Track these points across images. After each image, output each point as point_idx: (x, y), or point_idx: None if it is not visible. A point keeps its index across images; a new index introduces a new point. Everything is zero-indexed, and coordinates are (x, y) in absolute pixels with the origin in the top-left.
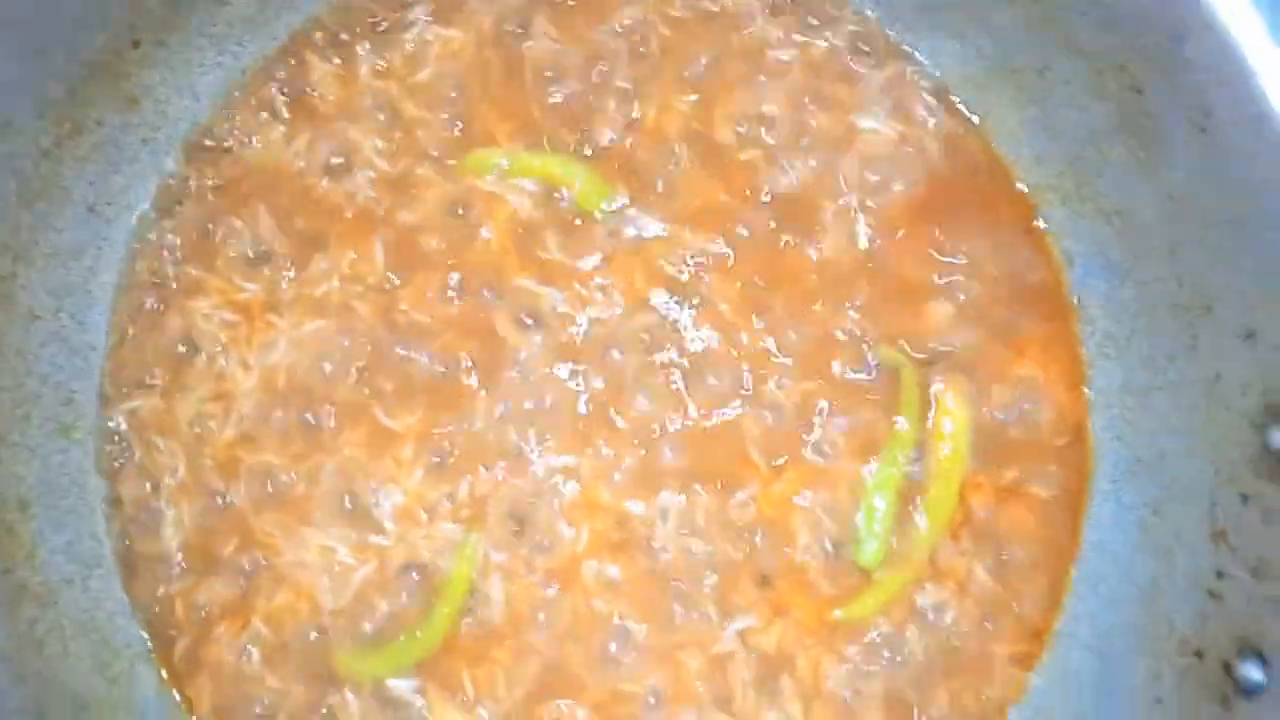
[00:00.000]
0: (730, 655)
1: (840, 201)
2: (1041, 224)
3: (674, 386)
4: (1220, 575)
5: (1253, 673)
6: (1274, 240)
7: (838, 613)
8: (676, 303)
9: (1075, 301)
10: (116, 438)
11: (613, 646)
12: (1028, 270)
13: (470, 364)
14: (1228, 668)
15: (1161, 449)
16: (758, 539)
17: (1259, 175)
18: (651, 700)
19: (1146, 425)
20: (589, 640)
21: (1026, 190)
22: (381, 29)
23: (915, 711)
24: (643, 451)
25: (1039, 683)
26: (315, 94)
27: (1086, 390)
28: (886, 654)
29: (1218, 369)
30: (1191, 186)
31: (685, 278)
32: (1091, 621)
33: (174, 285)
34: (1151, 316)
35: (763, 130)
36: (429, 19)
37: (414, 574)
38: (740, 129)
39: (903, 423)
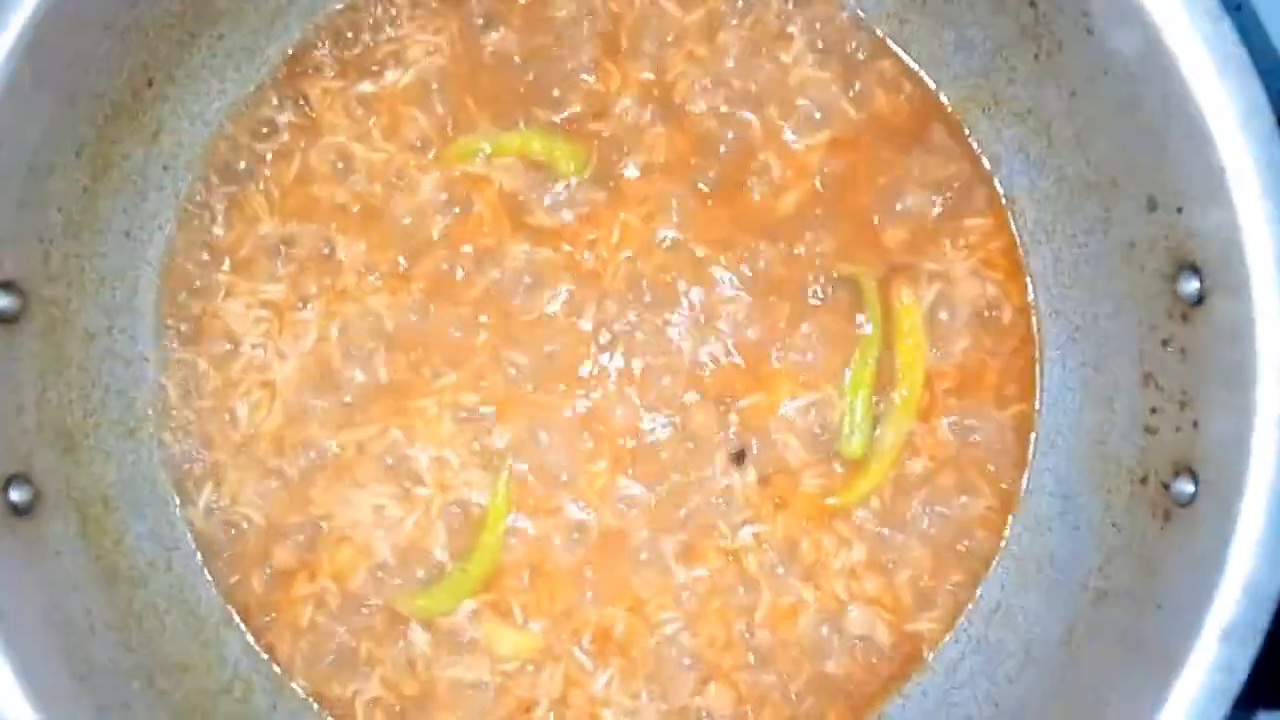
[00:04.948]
0: (745, 549)
1: (791, 144)
2: (970, 137)
3: (667, 322)
4: (1154, 411)
5: (1186, 486)
6: (1155, 120)
7: (832, 500)
8: (656, 248)
9: (1005, 199)
10: (178, 434)
11: (641, 556)
12: (962, 180)
13: (483, 327)
14: (1166, 487)
15: (1094, 314)
16: (753, 448)
17: (1137, 67)
18: (685, 595)
19: (1078, 296)
20: (617, 555)
21: (950, 108)
22: (364, 45)
23: (901, 574)
24: (638, 387)
25: (1016, 530)
26: (310, 108)
27: (1026, 276)
28: (879, 531)
29: (1130, 236)
30: (1085, 82)
31: (660, 226)
32: (1054, 473)
33: (207, 294)
34: (1070, 199)
35: (715, 91)
36: (407, 28)
37: (455, 509)
38: (698, 99)
39: (868, 327)
